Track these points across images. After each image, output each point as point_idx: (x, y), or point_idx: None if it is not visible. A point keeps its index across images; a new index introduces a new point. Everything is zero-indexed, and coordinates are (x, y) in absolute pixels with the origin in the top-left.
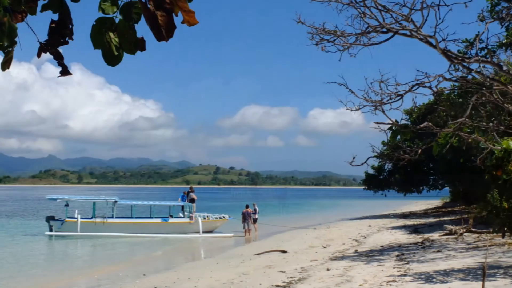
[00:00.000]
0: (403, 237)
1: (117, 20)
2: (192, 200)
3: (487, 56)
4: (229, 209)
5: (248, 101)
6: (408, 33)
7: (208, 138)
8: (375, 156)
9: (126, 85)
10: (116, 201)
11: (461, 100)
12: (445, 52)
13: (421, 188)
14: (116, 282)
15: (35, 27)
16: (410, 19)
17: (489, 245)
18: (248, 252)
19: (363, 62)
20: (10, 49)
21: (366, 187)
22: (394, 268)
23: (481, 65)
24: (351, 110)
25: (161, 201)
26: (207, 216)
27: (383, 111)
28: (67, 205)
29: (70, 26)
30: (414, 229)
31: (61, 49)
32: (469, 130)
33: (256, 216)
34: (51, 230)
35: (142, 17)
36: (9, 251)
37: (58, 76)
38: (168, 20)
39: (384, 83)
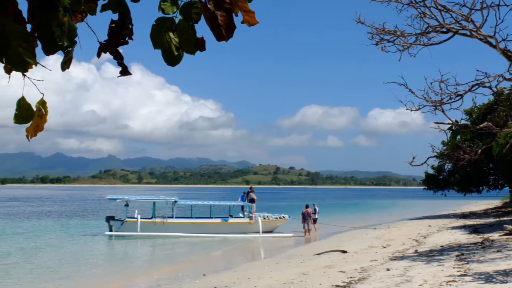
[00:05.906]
0: (463, 237)
1: (177, 20)
2: (252, 200)
3: None
4: (288, 209)
5: (308, 101)
6: (468, 33)
7: (268, 138)
8: (435, 156)
9: (186, 85)
10: (176, 201)
11: None
12: (505, 52)
13: (481, 188)
14: (176, 282)
15: (95, 27)
16: (470, 19)
17: None
18: (308, 252)
19: (423, 62)
20: (70, 49)
21: (426, 187)
22: (454, 268)
23: None
24: (411, 110)
25: (221, 201)
26: (267, 216)
27: (443, 111)
28: (127, 205)
29: (130, 26)
30: (474, 229)
31: (121, 49)
32: None
33: (316, 216)
34: (111, 230)
35: (202, 17)
36: (69, 251)
37: (118, 76)
38: (228, 20)
39: (444, 83)
